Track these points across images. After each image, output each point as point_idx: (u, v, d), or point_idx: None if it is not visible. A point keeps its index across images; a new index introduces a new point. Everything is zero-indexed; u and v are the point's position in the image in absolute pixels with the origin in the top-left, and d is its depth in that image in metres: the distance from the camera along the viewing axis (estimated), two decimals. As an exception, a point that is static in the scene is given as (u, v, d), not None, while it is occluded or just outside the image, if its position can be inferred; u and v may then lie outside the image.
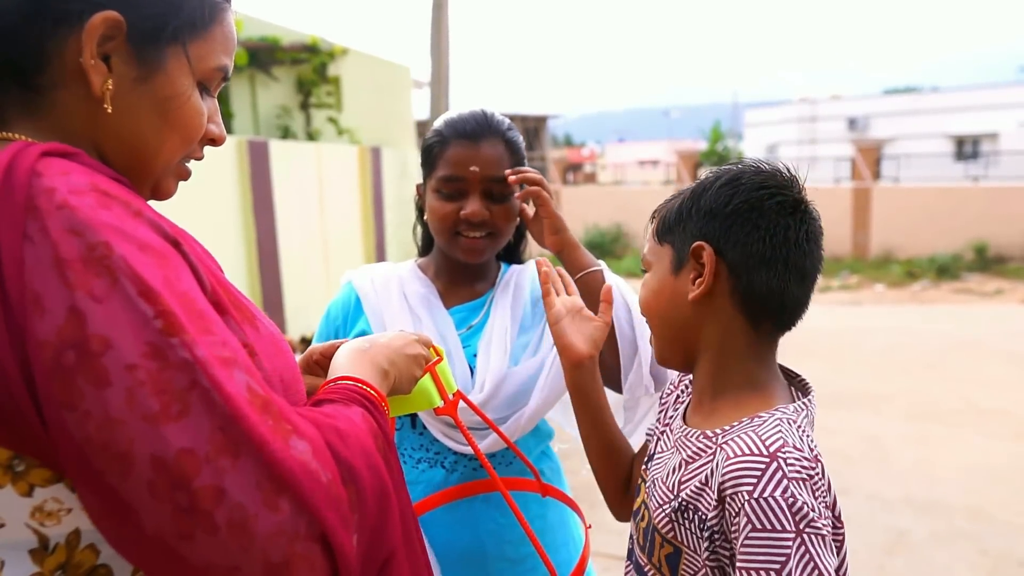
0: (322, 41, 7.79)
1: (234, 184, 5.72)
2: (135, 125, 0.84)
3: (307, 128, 7.82)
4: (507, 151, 1.49)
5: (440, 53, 8.77)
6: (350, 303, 1.57)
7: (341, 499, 0.74)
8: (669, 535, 1.03)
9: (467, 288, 1.59)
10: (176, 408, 0.66)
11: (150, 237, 0.72)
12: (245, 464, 0.68)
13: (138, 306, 0.67)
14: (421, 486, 1.46)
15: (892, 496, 4.34)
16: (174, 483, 0.66)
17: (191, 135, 0.88)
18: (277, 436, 0.71)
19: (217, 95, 0.94)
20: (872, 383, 6.88)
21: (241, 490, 0.68)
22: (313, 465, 0.73)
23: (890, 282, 13.43)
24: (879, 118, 35.54)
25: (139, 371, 0.66)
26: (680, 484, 1.02)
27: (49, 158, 0.73)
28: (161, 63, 0.83)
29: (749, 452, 0.93)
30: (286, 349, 0.90)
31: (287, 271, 6.23)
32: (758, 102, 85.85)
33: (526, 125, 38.27)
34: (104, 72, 0.80)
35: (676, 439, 1.10)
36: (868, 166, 16.62)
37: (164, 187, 0.91)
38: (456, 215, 1.47)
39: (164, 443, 0.66)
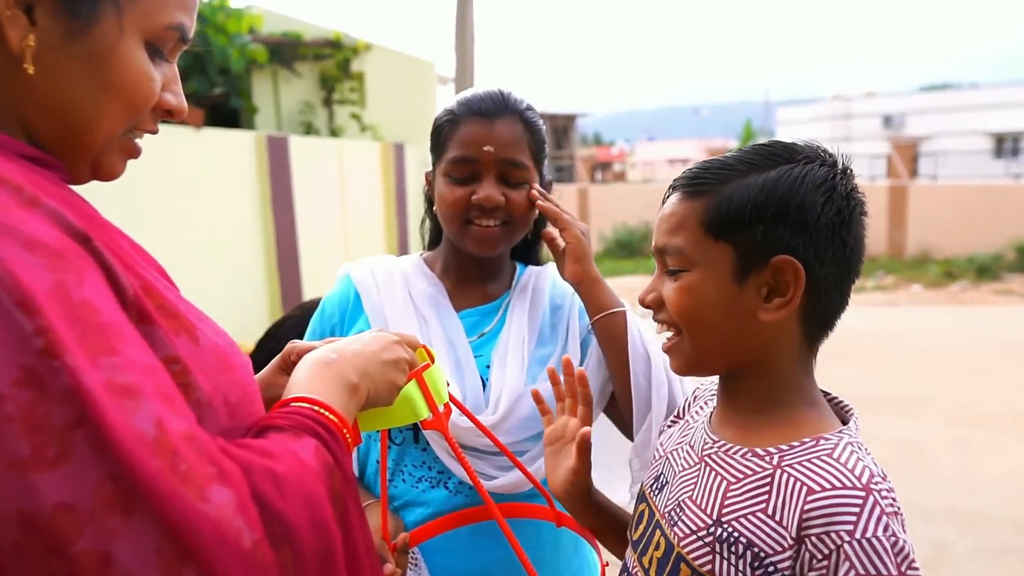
0: (345, 36, 7.75)
1: (252, 180, 5.66)
2: (64, 89, 0.71)
3: (330, 124, 7.77)
4: (525, 131, 1.33)
5: (465, 48, 8.67)
6: (348, 299, 1.41)
7: (267, 567, 0.61)
8: (704, 567, 0.87)
9: (479, 288, 1.43)
10: (53, 452, 0.54)
11: (43, 232, 0.60)
12: (140, 524, 0.55)
13: (13, 319, 0.55)
14: (420, 508, 1.31)
15: (933, 506, 4.15)
16: (48, 547, 0.54)
17: (136, 102, 0.75)
18: (188, 486, 0.58)
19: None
20: (909, 387, 6.65)
21: (133, 557, 0.55)
22: (234, 523, 0.59)
23: (927, 282, 13.12)
24: (915, 115, 35.09)
25: (7, 403, 0.54)
26: (725, 509, 0.88)
27: None
28: (95, 16, 0.71)
29: (841, 485, 0.81)
30: (237, 364, 0.76)
31: (307, 269, 6.16)
32: (790, 100, 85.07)
33: (554, 124, 38.19)
34: (24, 25, 0.68)
35: (704, 454, 0.96)
36: (904, 164, 16.30)
37: (107, 165, 0.78)
38: (467, 201, 1.31)
39: (36, 496, 0.53)
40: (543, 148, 1.38)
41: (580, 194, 19.21)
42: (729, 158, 0.94)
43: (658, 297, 0.96)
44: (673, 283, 0.94)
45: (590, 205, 18.93)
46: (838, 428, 0.90)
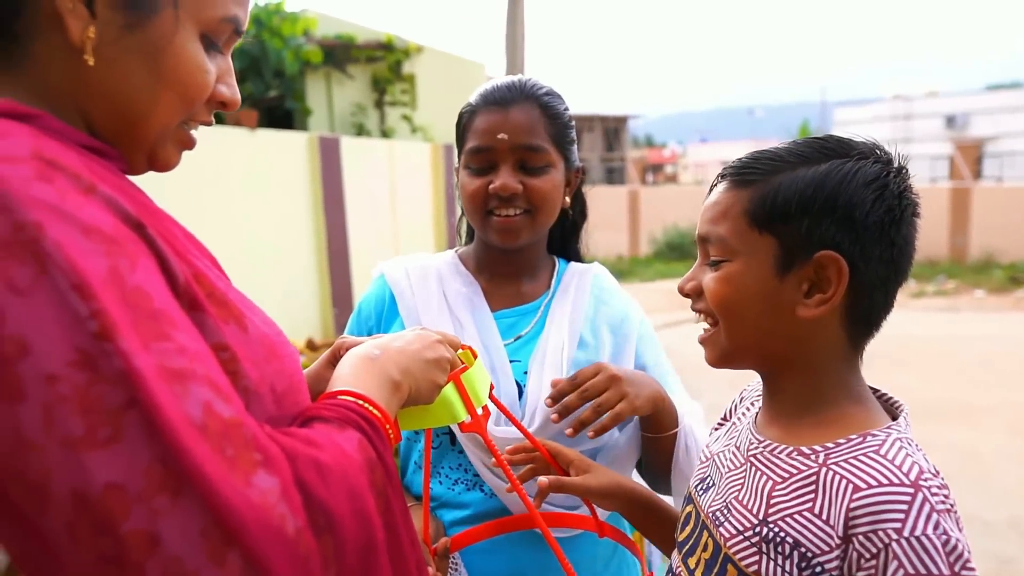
0: (397, 39, 7.82)
1: (305, 181, 5.75)
2: (124, 81, 0.72)
3: (381, 126, 7.86)
4: (543, 116, 1.30)
5: (515, 50, 8.68)
6: (384, 301, 1.39)
7: (310, 555, 0.61)
8: (751, 568, 0.86)
9: (514, 287, 1.40)
10: (105, 432, 0.55)
11: (100, 218, 0.61)
12: (187, 506, 0.56)
13: (69, 302, 0.56)
14: (457, 510, 1.29)
15: (994, 518, 4.01)
16: (98, 526, 0.54)
17: (191, 94, 0.76)
18: (235, 471, 0.58)
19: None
20: (970, 394, 6.44)
21: (180, 539, 0.55)
22: (278, 510, 0.60)
23: (991, 288, 12.70)
24: (980, 115, 34.05)
25: (62, 384, 0.54)
26: (771, 508, 0.87)
27: None
28: (153, 9, 0.72)
29: (888, 482, 0.79)
30: (284, 353, 0.77)
31: (357, 268, 6.24)
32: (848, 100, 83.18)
33: (606, 125, 37.99)
34: (85, 17, 0.69)
35: (750, 454, 0.95)
36: (968, 165, 15.81)
37: (163, 156, 0.78)
38: (486, 191, 1.29)
39: (87, 476, 0.54)
40: (566, 131, 1.34)
41: (631, 196, 19.07)
42: (781, 149, 0.92)
43: (697, 286, 0.95)
44: (713, 272, 0.92)
45: (641, 207, 18.79)
46: (886, 424, 0.88)
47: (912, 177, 0.89)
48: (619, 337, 1.36)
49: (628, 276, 14.24)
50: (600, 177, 31.06)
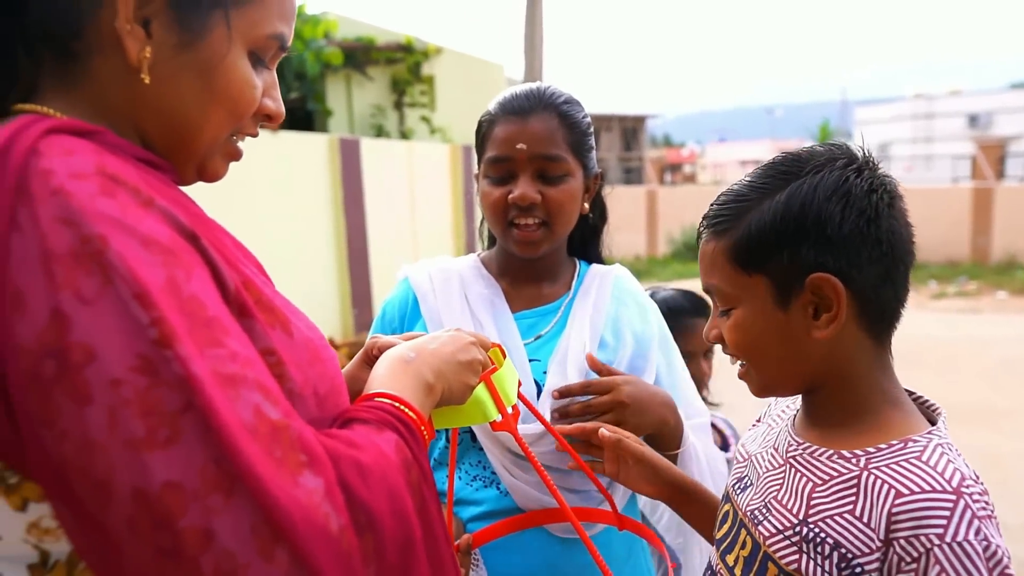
0: (416, 40, 7.88)
1: (325, 181, 5.81)
2: (177, 97, 0.76)
3: (400, 127, 7.92)
4: (561, 125, 1.32)
5: (534, 51, 8.71)
6: (407, 303, 1.41)
7: (352, 552, 0.64)
8: (791, 566, 0.88)
9: (535, 289, 1.42)
10: (164, 433, 0.58)
11: (158, 231, 0.64)
12: (239, 504, 0.59)
13: (130, 311, 0.59)
14: (473, 506, 1.32)
15: (1014, 523, 3.99)
16: (157, 521, 0.57)
17: (240, 109, 0.80)
18: (283, 472, 0.62)
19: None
20: (991, 397, 6.39)
21: (233, 535, 0.58)
22: (323, 509, 0.63)
23: (1014, 289, 12.55)
24: (1003, 114, 33.70)
25: (125, 388, 0.58)
26: (811, 509, 0.89)
27: (55, 135, 0.65)
28: (205, 28, 0.75)
29: (930, 488, 0.81)
30: (326, 357, 0.80)
31: (376, 268, 6.30)
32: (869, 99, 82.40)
33: (624, 125, 37.91)
34: (142, 38, 0.72)
35: (789, 456, 0.97)
36: (991, 165, 15.63)
37: (212, 167, 0.83)
38: (506, 200, 1.31)
39: (148, 474, 0.57)
40: (585, 140, 1.36)
41: (648, 196, 19.03)
42: (743, 187, 0.94)
43: (719, 334, 0.98)
44: (726, 321, 0.96)
45: (659, 207, 18.74)
46: (927, 429, 0.89)
47: (881, 163, 0.90)
48: (639, 340, 1.38)
49: (646, 276, 14.22)
50: (618, 177, 30.98)
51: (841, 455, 0.90)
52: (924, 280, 13.35)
